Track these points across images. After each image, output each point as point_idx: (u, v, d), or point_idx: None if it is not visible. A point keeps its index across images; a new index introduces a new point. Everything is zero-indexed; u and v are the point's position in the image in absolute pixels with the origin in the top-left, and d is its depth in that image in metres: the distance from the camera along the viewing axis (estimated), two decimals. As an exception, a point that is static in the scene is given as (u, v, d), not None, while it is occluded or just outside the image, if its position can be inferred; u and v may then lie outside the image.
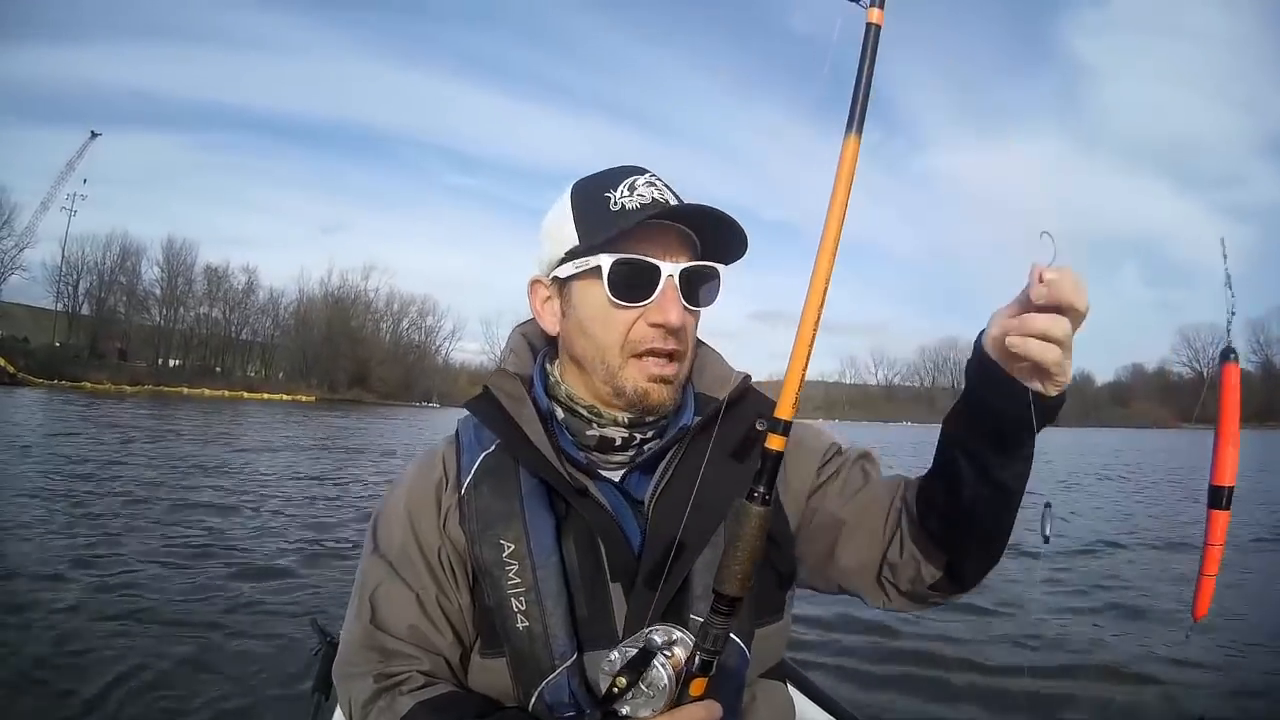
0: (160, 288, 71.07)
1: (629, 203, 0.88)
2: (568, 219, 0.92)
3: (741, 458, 0.92)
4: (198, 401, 48.05)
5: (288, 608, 4.53)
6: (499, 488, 0.91)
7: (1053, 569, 5.70)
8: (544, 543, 0.88)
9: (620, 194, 0.89)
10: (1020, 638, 4.19)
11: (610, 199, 0.89)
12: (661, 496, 0.90)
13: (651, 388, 0.90)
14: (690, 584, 0.87)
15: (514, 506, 0.89)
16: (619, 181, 0.90)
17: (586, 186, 0.93)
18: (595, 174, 0.95)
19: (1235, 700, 3.51)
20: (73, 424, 19.35)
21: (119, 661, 3.56)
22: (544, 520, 0.89)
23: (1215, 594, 0.71)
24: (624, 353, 0.89)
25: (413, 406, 73.15)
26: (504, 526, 0.88)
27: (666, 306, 0.87)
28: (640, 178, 0.91)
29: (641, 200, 0.88)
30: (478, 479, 0.93)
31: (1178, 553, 7.27)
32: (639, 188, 0.89)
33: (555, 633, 0.85)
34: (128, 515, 7.30)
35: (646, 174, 0.92)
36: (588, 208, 0.90)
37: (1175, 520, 9.39)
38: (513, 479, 0.91)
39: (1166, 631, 4.50)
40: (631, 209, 0.88)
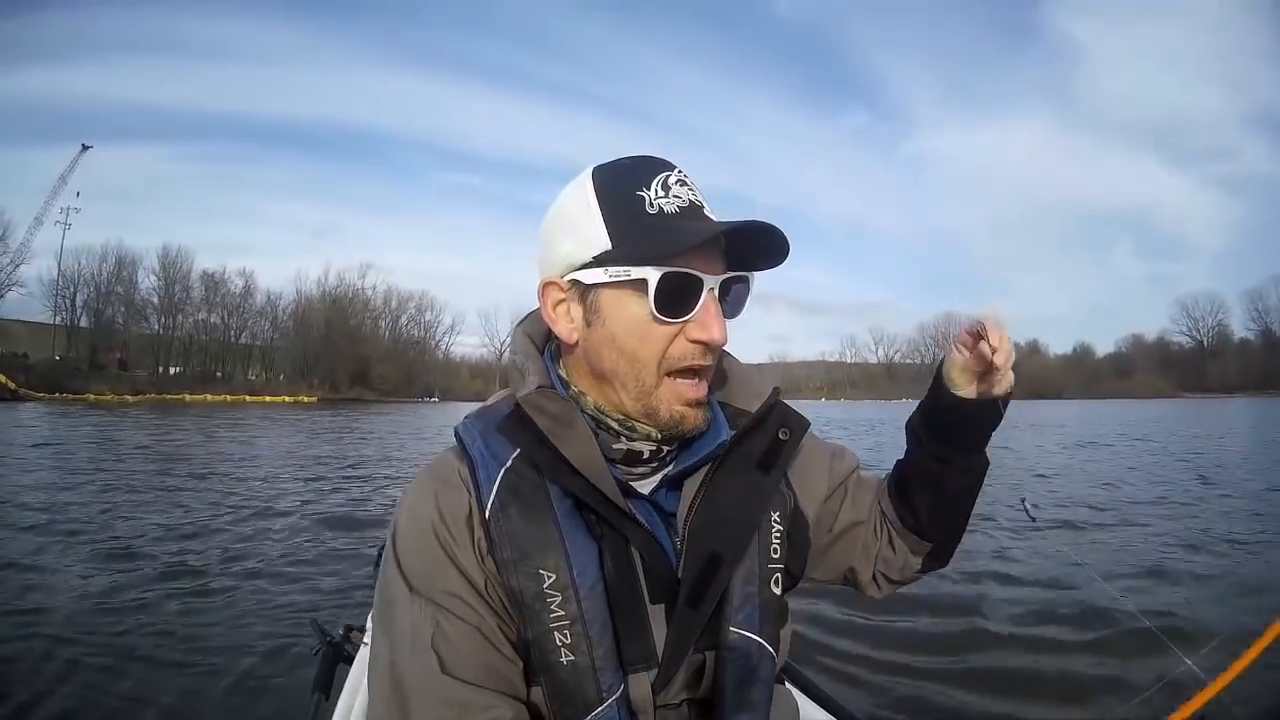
0: (158, 296, 71.24)
1: (666, 205, 0.81)
2: (594, 218, 0.82)
3: (768, 468, 0.91)
4: (200, 408, 48.03)
5: (288, 608, 4.50)
6: (530, 510, 0.83)
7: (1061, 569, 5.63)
8: (588, 571, 0.82)
9: (655, 194, 0.81)
10: (1023, 636, 4.14)
11: (645, 199, 0.81)
12: (695, 512, 0.88)
13: (687, 413, 0.84)
14: (729, 597, 0.86)
15: (551, 532, 0.82)
16: (649, 178, 0.82)
17: (613, 181, 0.83)
18: (617, 165, 0.86)
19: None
20: (74, 435, 19.35)
21: (117, 661, 3.58)
22: (586, 546, 0.83)
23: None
24: (660, 370, 0.83)
25: (415, 402, 73.31)
26: (542, 555, 0.81)
27: (710, 323, 0.82)
28: (670, 174, 0.83)
29: (679, 203, 0.82)
30: (502, 500, 0.84)
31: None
32: (672, 187, 0.82)
33: (603, 665, 0.81)
34: (128, 515, 7.34)
35: (675, 170, 0.84)
36: (620, 208, 0.81)
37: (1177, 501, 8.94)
38: (543, 498, 0.83)
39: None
40: (671, 212, 0.81)
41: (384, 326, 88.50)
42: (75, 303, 67.75)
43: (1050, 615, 4.38)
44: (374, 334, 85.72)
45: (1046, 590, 4.90)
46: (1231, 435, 21.71)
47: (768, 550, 0.90)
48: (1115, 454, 15.87)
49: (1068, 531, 7.19)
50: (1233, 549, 6.17)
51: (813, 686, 1.67)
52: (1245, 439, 20.03)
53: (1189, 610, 4.39)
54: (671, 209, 0.81)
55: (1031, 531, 6.56)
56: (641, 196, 0.81)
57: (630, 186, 0.82)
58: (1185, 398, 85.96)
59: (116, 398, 55.88)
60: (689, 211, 0.82)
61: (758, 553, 0.89)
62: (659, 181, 0.82)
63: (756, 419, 0.92)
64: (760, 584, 0.88)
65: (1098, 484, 10.62)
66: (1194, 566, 5.58)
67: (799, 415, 0.96)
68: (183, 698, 3.25)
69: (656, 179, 0.82)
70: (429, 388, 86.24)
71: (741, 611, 0.87)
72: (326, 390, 74.68)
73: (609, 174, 0.84)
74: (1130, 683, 3.33)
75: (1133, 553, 6.12)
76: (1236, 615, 4.18)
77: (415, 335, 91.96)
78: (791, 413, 0.96)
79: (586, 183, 0.84)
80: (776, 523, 0.91)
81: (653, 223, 0.80)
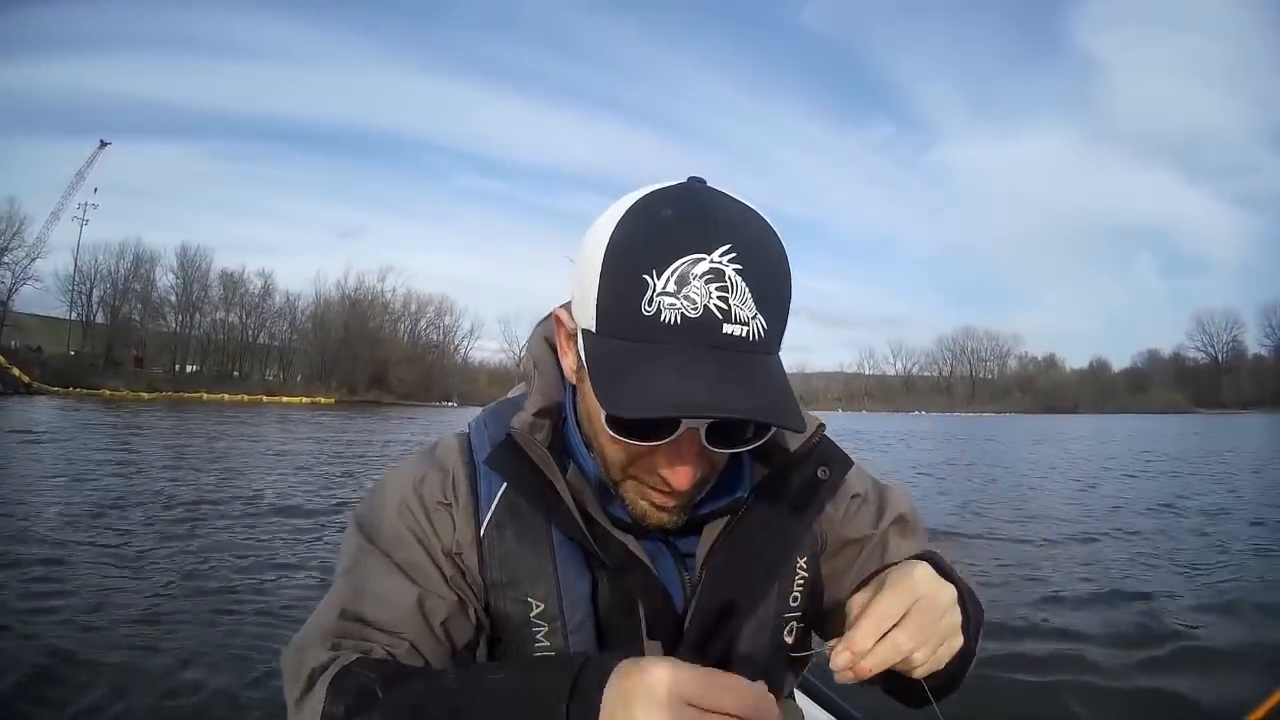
0: (175, 294, 70.75)
1: (668, 308, 0.61)
2: (593, 284, 0.65)
3: (801, 509, 0.82)
4: (216, 406, 47.72)
5: (288, 608, 4.55)
6: (527, 534, 0.78)
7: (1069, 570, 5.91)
8: (578, 605, 0.78)
9: (664, 284, 0.61)
10: (1028, 635, 4.32)
11: (648, 288, 0.61)
12: (713, 556, 0.79)
13: (651, 512, 0.74)
14: (736, 644, 0.80)
15: (545, 563, 0.78)
16: (670, 258, 0.61)
17: (629, 245, 0.64)
18: (650, 218, 0.65)
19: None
20: (90, 431, 19.09)
21: (116, 660, 3.62)
22: (579, 579, 0.78)
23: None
24: (625, 474, 0.72)
25: (432, 406, 72.37)
26: (532, 583, 0.77)
27: (676, 467, 0.68)
28: (703, 262, 0.61)
29: (688, 309, 0.61)
30: (500, 518, 0.79)
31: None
32: (692, 283, 0.61)
33: None
34: (131, 515, 7.40)
35: (719, 250, 0.62)
36: (617, 288, 0.64)
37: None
38: (541, 523, 0.78)
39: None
40: (668, 322, 0.61)
41: (403, 329, 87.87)
42: (91, 299, 67.26)
43: (1073, 628, 4.43)
44: (393, 337, 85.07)
45: (1074, 604, 4.95)
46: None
47: (787, 598, 0.83)
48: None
49: (1083, 545, 7.13)
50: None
51: (821, 693, 1.66)
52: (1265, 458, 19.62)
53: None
54: (671, 317, 0.61)
55: (1055, 543, 6.86)
56: (646, 282, 0.61)
57: (642, 262, 0.62)
58: (1200, 413, 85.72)
59: (132, 394, 55.11)
60: (693, 327, 0.61)
61: (775, 600, 0.82)
62: (679, 267, 0.61)
63: (795, 459, 0.82)
64: (773, 633, 0.82)
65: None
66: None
67: (842, 454, 0.85)
68: (181, 696, 3.27)
69: (678, 262, 0.61)
70: (447, 392, 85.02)
71: (748, 661, 0.81)
72: (344, 392, 73.79)
73: (634, 226, 0.65)
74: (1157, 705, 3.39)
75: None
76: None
77: (434, 339, 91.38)
78: (834, 450, 0.84)
79: (610, 226, 0.66)
80: (802, 569, 0.84)
81: (636, 329, 0.62)
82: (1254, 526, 7.99)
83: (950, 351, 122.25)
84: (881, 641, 0.62)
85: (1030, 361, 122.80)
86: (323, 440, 20.04)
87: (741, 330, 0.62)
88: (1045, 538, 7.36)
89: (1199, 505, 9.50)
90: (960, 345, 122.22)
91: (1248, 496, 10.73)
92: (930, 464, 16.95)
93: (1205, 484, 12.62)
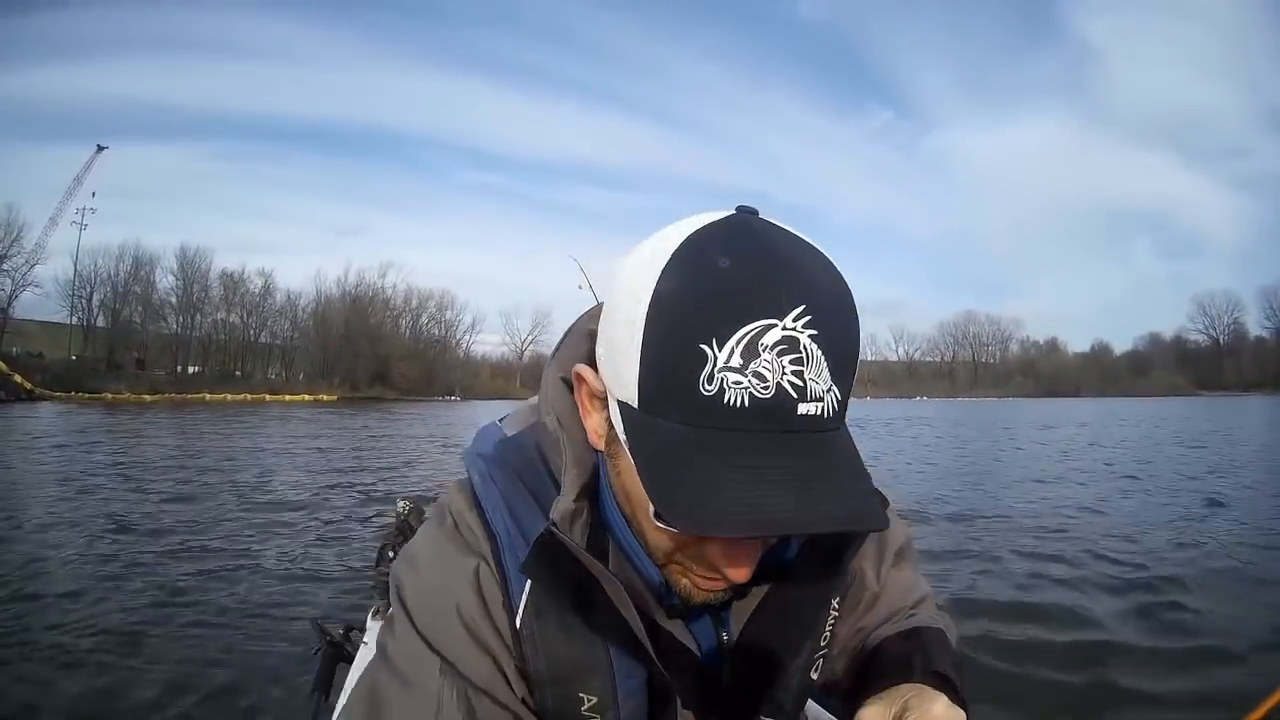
0: (176, 295, 70.72)
1: (733, 387, 0.51)
2: (632, 349, 0.55)
3: (839, 558, 0.76)
4: (219, 407, 47.95)
5: (288, 608, 4.53)
6: (573, 624, 0.68)
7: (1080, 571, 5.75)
8: (634, 696, 0.71)
9: (726, 358, 0.51)
10: (1035, 631, 4.26)
11: (706, 361, 0.52)
12: (754, 616, 0.74)
13: (698, 595, 0.66)
14: (770, 693, 0.76)
15: (598, 655, 0.69)
16: (737, 325, 0.51)
17: (681, 309, 0.53)
18: (713, 271, 0.54)
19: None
20: (91, 435, 19.21)
21: (116, 660, 3.64)
22: (635, 672, 0.70)
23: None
24: (668, 558, 0.65)
25: (435, 401, 72.59)
26: (585, 678, 0.69)
27: (738, 558, 0.59)
28: (774, 330, 0.51)
29: (758, 387, 0.51)
30: (539, 606, 0.69)
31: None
32: (762, 356, 0.51)
33: None
34: (130, 513, 7.48)
35: (793, 313, 0.52)
36: (664, 360, 0.54)
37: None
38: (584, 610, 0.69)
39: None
40: (735, 405, 0.52)
41: (404, 325, 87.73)
42: (92, 303, 67.23)
43: (1070, 625, 4.37)
44: (394, 333, 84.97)
45: (1071, 600, 4.84)
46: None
47: (819, 639, 0.78)
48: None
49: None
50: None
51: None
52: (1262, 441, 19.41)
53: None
54: (737, 399, 0.51)
55: (1074, 537, 6.72)
56: (704, 354, 0.52)
57: (699, 329, 0.52)
58: (1202, 395, 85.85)
59: (135, 397, 55.23)
60: (763, 410, 0.52)
61: (809, 648, 0.78)
62: (746, 336, 0.51)
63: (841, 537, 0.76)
64: (802, 673, 0.78)
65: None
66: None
67: (879, 492, 0.74)
68: (181, 697, 3.28)
69: (744, 330, 0.51)
70: (449, 386, 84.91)
71: (778, 706, 0.78)
72: (346, 389, 73.79)
73: (682, 283, 0.54)
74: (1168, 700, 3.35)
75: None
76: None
77: (436, 334, 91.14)
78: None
79: (652, 279, 0.55)
80: (834, 610, 0.79)
81: (693, 412, 0.53)
82: (1257, 520, 7.81)
83: (952, 337, 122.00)
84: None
85: (1032, 345, 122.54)
86: (326, 438, 19.96)
87: (816, 408, 0.53)
88: (1044, 532, 7.17)
89: (1202, 497, 9.31)
90: (962, 330, 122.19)
91: (1252, 487, 10.50)
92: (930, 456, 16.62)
93: (1209, 472, 12.35)
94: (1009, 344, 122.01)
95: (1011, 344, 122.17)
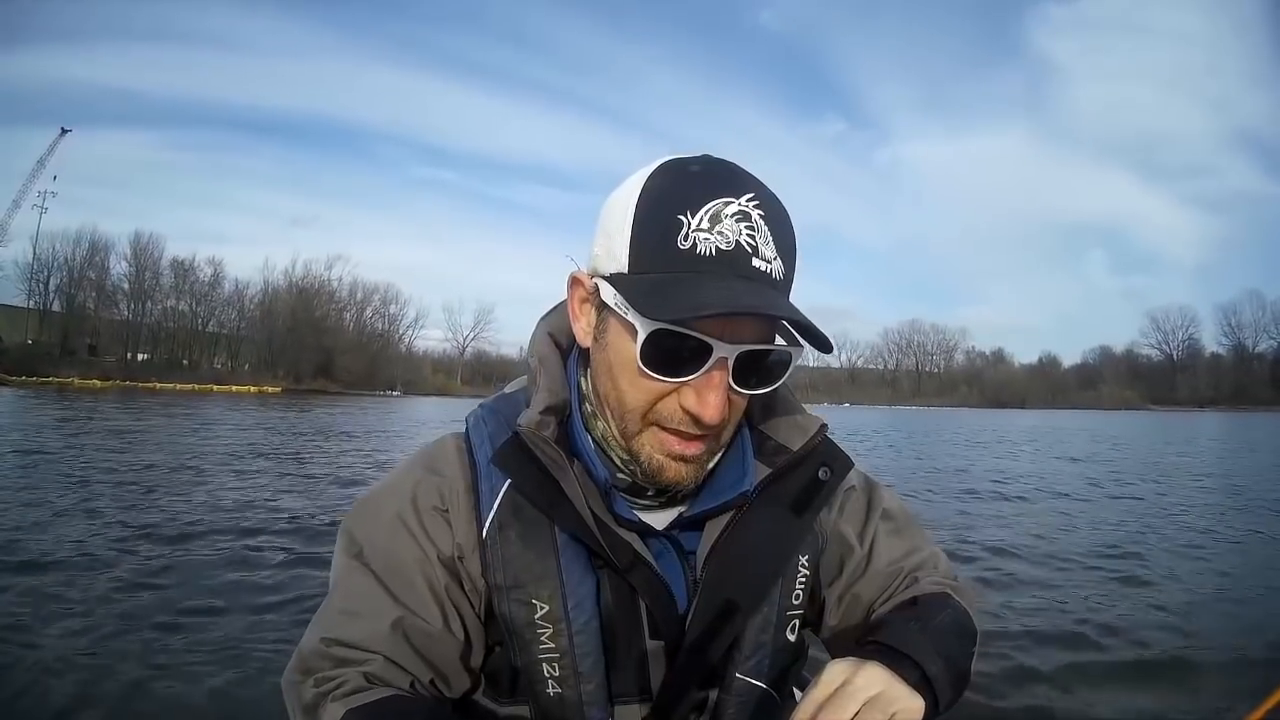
0: (128, 282, 72.15)
1: (703, 242, 0.66)
2: (625, 231, 0.71)
3: (801, 510, 0.84)
4: (169, 395, 47.20)
5: (288, 608, 4.31)
6: (530, 535, 0.78)
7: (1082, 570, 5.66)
8: (584, 605, 0.78)
9: (698, 223, 0.66)
10: (1022, 631, 4.11)
11: (683, 226, 0.67)
12: (716, 553, 0.80)
13: (668, 464, 0.74)
14: (741, 643, 0.81)
15: (549, 564, 0.77)
16: (704, 200, 0.67)
17: (662, 192, 0.70)
18: (682, 169, 0.71)
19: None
20: (51, 422, 18.26)
21: (111, 660, 3.40)
22: (584, 579, 0.78)
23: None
24: (645, 420, 0.73)
25: (376, 396, 74.35)
26: (537, 585, 0.77)
27: (706, 396, 0.69)
28: (734, 203, 0.67)
29: (720, 242, 0.66)
30: (502, 519, 0.78)
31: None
32: (724, 221, 0.66)
33: (590, 700, 0.78)
34: (117, 509, 6.97)
35: (745, 196, 0.68)
36: (651, 230, 0.69)
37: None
38: (546, 524, 0.78)
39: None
40: (703, 254, 0.66)
41: (349, 318, 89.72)
42: (49, 287, 68.66)
43: (1067, 625, 4.32)
44: (339, 326, 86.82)
45: (1068, 600, 4.82)
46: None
47: (790, 596, 0.84)
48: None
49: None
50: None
51: None
52: (1229, 457, 18.59)
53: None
54: (706, 249, 0.66)
55: (1051, 542, 6.58)
56: (681, 221, 0.67)
57: (676, 205, 0.68)
58: (1153, 410, 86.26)
59: (82, 382, 56.90)
60: (727, 258, 0.67)
61: (779, 599, 0.83)
62: (712, 207, 0.67)
63: (798, 458, 0.84)
64: (776, 631, 0.83)
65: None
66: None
67: (844, 454, 0.88)
68: (177, 696, 3.10)
69: (711, 204, 0.67)
70: (391, 381, 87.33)
71: (752, 659, 0.82)
72: (290, 381, 75.80)
73: (664, 179, 0.71)
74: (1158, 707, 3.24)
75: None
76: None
77: (379, 328, 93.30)
78: (836, 451, 0.87)
79: (640, 182, 0.72)
80: (803, 567, 0.84)
81: (674, 261, 0.67)
82: (1254, 520, 7.93)
83: (896, 345, 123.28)
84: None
85: (978, 356, 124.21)
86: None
87: (766, 267, 0.68)
88: (1038, 532, 7.21)
89: (1193, 498, 9.55)
90: (906, 339, 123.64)
91: (1243, 488, 10.70)
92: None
93: (1193, 475, 12.78)
94: (954, 354, 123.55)
95: (957, 354, 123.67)
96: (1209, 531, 7.34)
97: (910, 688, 0.67)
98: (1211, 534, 7.22)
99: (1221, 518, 8.17)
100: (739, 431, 0.84)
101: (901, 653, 0.71)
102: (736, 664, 0.82)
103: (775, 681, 0.85)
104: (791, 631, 0.85)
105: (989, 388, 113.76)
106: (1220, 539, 6.99)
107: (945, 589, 0.86)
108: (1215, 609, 4.70)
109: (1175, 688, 3.44)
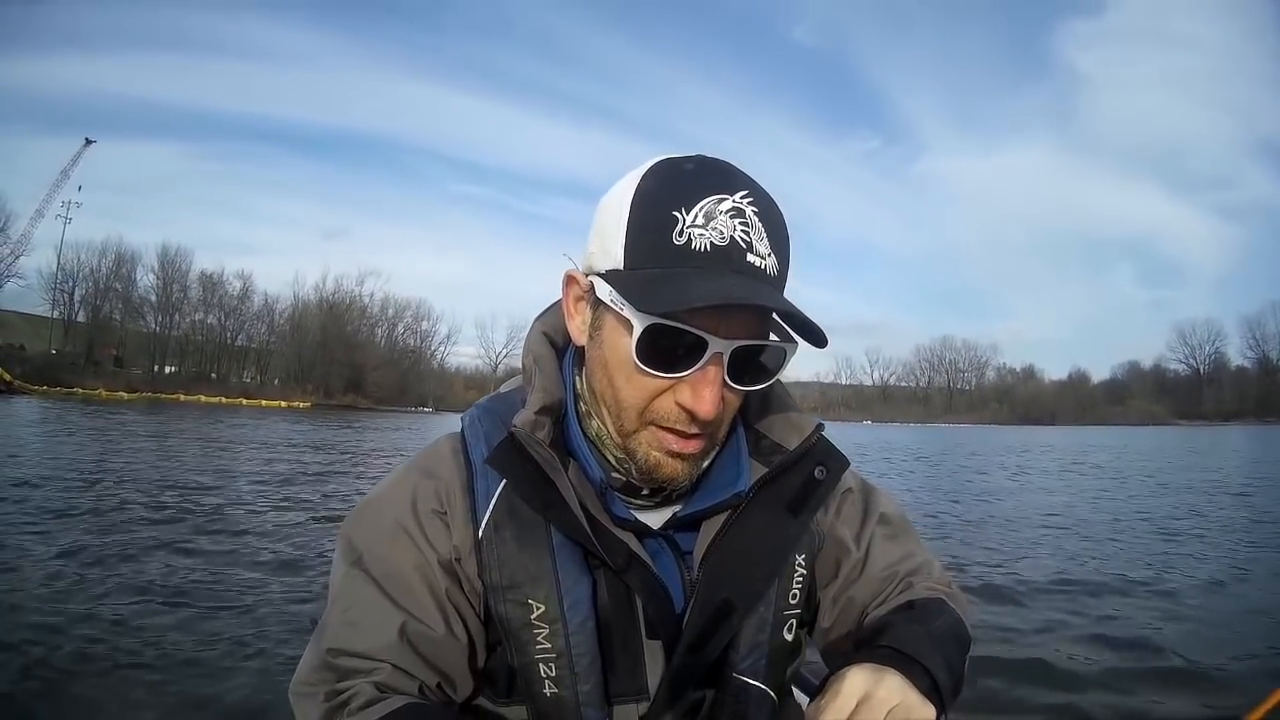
0: (155, 294, 71.33)
1: (698, 237, 0.68)
2: (620, 227, 0.73)
3: (798, 510, 0.84)
4: (195, 408, 47.87)
5: (287, 607, 4.46)
6: (526, 535, 0.79)
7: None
8: (579, 606, 0.78)
9: (693, 219, 0.69)
10: (1021, 632, 4.23)
11: (677, 222, 0.69)
12: (711, 553, 0.81)
13: (664, 461, 0.76)
14: (737, 643, 0.82)
15: (545, 565, 0.78)
16: (697, 196, 0.69)
17: (657, 189, 0.72)
18: (676, 167, 0.73)
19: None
20: (73, 430, 19.01)
21: (112, 661, 3.48)
22: (579, 579, 0.78)
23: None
24: (641, 418, 0.75)
25: (409, 412, 73.23)
26: (533, 585, 0.78)
27: (702, 392, 0.71)
28: (727, 200, 0.69)
29: (714, 238, 0.68)
30: (498, 519, 0.79)
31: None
32: (718, 217, 0.69)
33: (587, 700, 0.78)
34: (123, 515, 7.23)
35: (739, 193, 0.70)
36: (647, 226, 0.71)
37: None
38: (541, 524, 0.79)
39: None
40: (698, 249, 0.68)
41: (380, 334, 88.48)
42: (74, 297, 67.78)
43: (1067, 627, 4.44)
44: (370, 341, 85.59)
45: (1068, 602, 4.99)
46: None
47: (786, 596, 0.84)
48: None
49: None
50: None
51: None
52: (1250, 471, 18.94)
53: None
54: (701, 244, 0.68)
55: (1050, 541, 6.93)
56: (675, 218, 0.69)
57: (671, 201, 0.70)
58: (1180, 425, 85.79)
59: (109, 394, 55.68)
60: (721, 253, 0.68)
61: (776, 598, 0.83)
62: (706, 204, 0.69)
63: (794, 458, 0.84)
64: (773, 631, 0.83)
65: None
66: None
67: (839, 454, 0.88)
68: (179, 697, 3.17)
69: (705, 200, 0.69)
70: (423, 397, 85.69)
71: (748, 659, 0.82)
72: (320, 396, 74.37)
73: (659, 177, 0.73)
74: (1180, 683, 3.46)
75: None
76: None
77: (411, 344, 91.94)
78: (832, 450, 0.88)
79: (635, 180, 0.74)
80: (800, 566, 0.84)
81: (669, 257, 0.69)
82: (1254, 525, 8.21)
83: (928, 362, 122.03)
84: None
85: (1008, 372, 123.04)
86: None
87: (760, 263, 0.69)
88: (1040, 538, 7.49)
89: (1198, 506, 9.84)
90: (938, 355, 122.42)
91: (1247, 497, 11.10)
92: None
93: (1202, 485, 13.19)
94: (985, 370, 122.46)
95: (988, 370, 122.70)
96: (1207, 536, 7.86)
97: (923, 695, 0.67)
98: (1211, 540, 7.64)
99: (1226, 528, 8.44)
100: (734, 430, 0.84)
101: (913, 659, 0.71)
102: (733, 664, 0.82)
103: (772, 681, 0.84)
104: (789, 631, 0.84)
105: (1019, 404, 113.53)
106: (1220, 546, 7.37)
107: (940, 594, 0.85)
108: (1215, 610, 4.91)
109: (1175, 688, 3.55)
